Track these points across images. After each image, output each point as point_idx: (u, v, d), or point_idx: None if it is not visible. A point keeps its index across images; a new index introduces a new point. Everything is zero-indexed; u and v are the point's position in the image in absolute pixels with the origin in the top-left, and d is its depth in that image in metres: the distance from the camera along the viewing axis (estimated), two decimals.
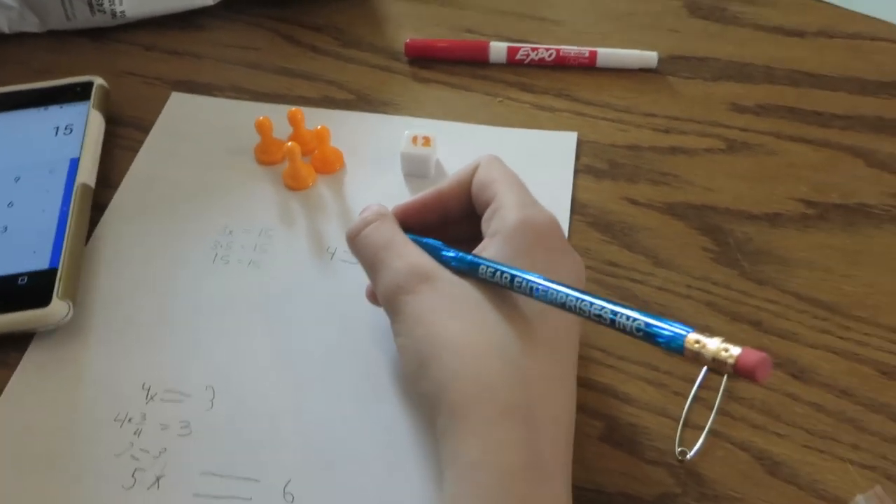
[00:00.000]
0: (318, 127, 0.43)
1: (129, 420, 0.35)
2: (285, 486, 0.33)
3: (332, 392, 0.36)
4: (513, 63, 0.50)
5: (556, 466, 0.28)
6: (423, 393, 0.29)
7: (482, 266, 0.30)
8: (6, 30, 0.52)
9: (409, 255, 0.31)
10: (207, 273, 0.41)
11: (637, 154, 0.45)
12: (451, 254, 0.32)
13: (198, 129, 0.47)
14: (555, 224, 0.32)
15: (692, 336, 0.24)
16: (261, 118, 0.43)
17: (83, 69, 0.49)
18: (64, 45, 0.53)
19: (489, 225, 0.32)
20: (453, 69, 0.50)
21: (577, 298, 0.26)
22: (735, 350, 0.22)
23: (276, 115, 0.45)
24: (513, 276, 0.29)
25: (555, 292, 0.27)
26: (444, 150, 0.45)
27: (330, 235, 0.42)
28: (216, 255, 0.41)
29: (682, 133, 0.46)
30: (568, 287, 0.27)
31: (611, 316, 0.25)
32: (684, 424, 0.34)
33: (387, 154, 0.45)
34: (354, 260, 0.40)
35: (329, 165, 0.44)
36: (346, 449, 0.34)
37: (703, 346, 0.23)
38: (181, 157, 0.46)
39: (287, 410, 0.35)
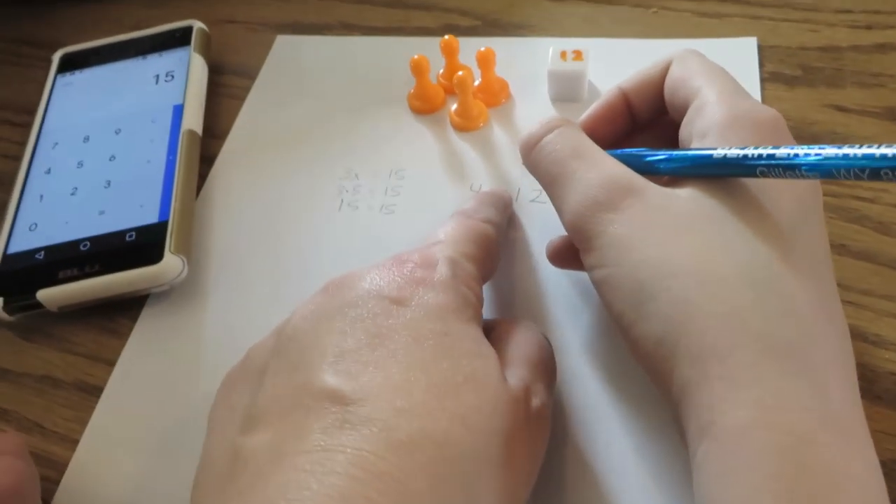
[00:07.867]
0: (482, 49, 0.36)
1: None
2: None
3: None
4: None
5: (856, 424, 0.20)
6: (645, 338, 0.22)
7: (716, 154, 0.22)
8: None
9: (605, 163, 0.24)
10: (333, 220, 0.35)
11: (836, 55, 0.37)
12: (661, 155, 0.24)
13: (309, 70, 0.42)
14: (781, 122, 0.24)
15: None
16: (415, 57, 0.36)
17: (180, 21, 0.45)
18: None
19: (693, 126, 0.25)
20: None
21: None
22: None
23: (398, 51, 0.39)
24: (770, 154, 0.21)
25: (852, 157, 0.18)
26: (597, 71, 0.38)
27: (470, 168, 0.35)
28: (342, 200, 0.35)
29: (891, 28, 0.37)
30: (863, 146, 0.19)
31: None
32: None
33: (528, 79, 0.38)
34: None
35: (494, 97, 0.38)
36: None
37: None
38: (293, 101, 0.40)
39: None
